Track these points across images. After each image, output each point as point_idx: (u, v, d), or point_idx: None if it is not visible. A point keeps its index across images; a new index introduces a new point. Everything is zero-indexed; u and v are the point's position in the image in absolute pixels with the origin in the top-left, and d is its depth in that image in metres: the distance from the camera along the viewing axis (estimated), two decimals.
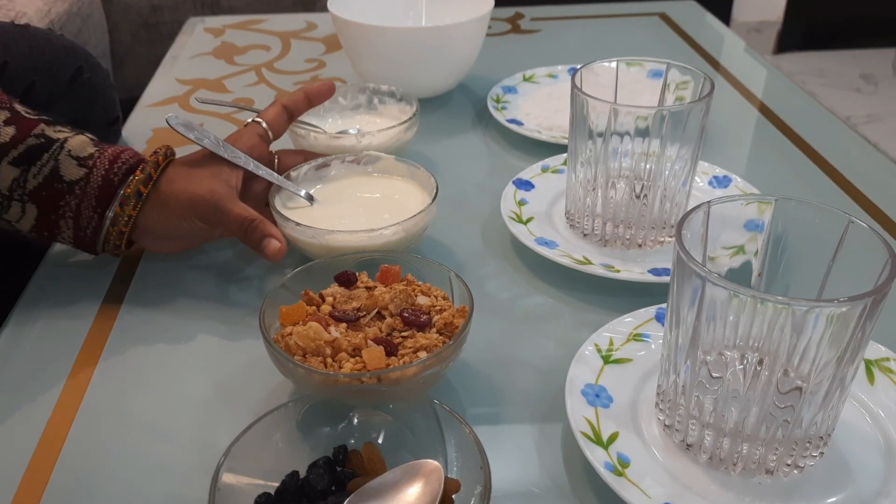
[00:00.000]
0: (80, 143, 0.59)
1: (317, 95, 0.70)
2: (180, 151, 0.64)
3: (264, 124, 0.66)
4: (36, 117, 0.59)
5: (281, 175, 0.66)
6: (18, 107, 0.60)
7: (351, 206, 0.66)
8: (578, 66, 0.64)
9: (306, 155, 0.70)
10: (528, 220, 0.68)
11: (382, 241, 0.60)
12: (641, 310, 0.56)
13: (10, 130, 0.57)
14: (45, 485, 0.47)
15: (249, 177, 0.64)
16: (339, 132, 0.77)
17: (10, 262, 0.71)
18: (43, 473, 0.48)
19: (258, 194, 0.66)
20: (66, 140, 0.59)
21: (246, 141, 0.64)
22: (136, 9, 1.71)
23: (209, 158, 0.61)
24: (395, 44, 0.87)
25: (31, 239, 0.60)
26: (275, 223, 0.61)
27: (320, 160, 0.69)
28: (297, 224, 0.60)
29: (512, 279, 0.64)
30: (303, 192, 0.66)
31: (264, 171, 0.63)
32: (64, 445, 0.50)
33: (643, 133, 0.60)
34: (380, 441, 0.45)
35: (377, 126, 0.79)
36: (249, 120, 0.67)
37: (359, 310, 0.52)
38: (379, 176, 0.69)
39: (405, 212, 0.63)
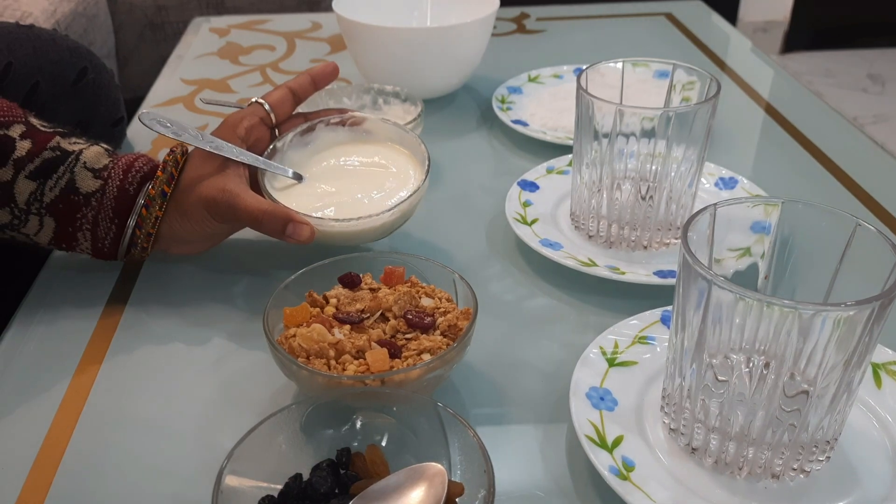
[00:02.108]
0: (95, 154, 0.59)
1: (321, 77, 0.68)
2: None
3: (267, 106, 0.65)
4: (51, 130, 0.59)
5: (269, 143, 0.64)
6: (34, 120, 0.60)
7: (342, 181, 0.64)
8: (584, 67, 0.64)
9: (308, 117, 0.68)
10: (533, 221, 0.68)
11: (379, 223, 0.59)
12: (647, 312, 0.56)
13: (27, 144, 0.57)
14: (48, 485, 0.47)
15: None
16: None
17: (13, 263, 0.71)
18: (47, 474, 0.48)
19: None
20: (81, 152, 0.59)
21: (245, 123, 0.63)
22: (142, 9, 1.71)
23: (212, 154, 0.61)
24: (400, 44, 0.87)
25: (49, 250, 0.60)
26: None
27: (305, 125, 0.66)
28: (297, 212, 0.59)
29: (516, 281, 0.64)
30: (290, 173, 0.63)
31: (248, 157, 0.61)
32: (67, 446, 0.50)
33: (649, 134, 0.60)
34: (383, 444, 0.45)
35: None
36: (253, 100, 0.65)
37: (363, 311, 0.52)
38: (367, 141, 0.67)
39: (398, 183, 0.62)
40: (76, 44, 0.81)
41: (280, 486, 0.42)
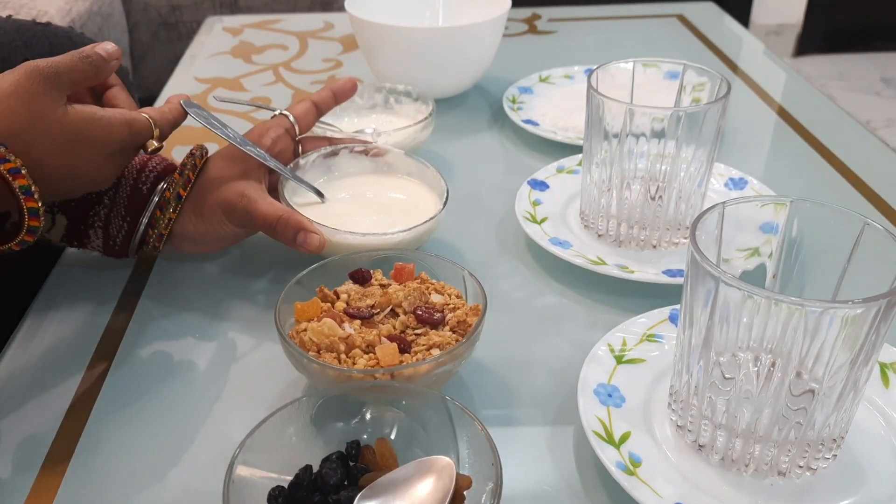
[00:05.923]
0: None
1: (342, 93, 0.71)
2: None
3: (291, 118, 0.67)
4: None
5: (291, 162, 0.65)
6: None
7: (359, 207, 0.65)
8: (595, 67, 0.64)
9: (331, 140, 0.70)
10: (543, 220, 0.68)
11: (394, 241, 0.60)
12: (655, 310, 0.56)
13: None
14: (61, 477, 0.48)
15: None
16: (356, 131, 0.78)
17: (28, 257, 0.72)
18: (59, 466, 0.48)
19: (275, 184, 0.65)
20: None
21: (272, 133, 0.65)
22: (156, 8, 1.72)
23: (235, 157, 0.61)
24: (412, 44, 0.88)
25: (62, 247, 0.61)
26: None
27: (329, 148, 0.68)
28: (311, 221, 0.60)
29: (526, 279, 0.64)
30: (312, 188, 0.64)
31: (273, 163, 0.62)
32: (80, 438, 0.50)
33: (659, 134, 0.60)
34: (392, 437, 0.45)
35: (393, 126, 0.79)
36: (277, 112, 0.67)
37: (373, 307, 0.53)
38: (388, 173, 0.69)
39: (414, 214, 0.63)
40: (91, 42, 0.82)
41: (290, 478, 0.42)
